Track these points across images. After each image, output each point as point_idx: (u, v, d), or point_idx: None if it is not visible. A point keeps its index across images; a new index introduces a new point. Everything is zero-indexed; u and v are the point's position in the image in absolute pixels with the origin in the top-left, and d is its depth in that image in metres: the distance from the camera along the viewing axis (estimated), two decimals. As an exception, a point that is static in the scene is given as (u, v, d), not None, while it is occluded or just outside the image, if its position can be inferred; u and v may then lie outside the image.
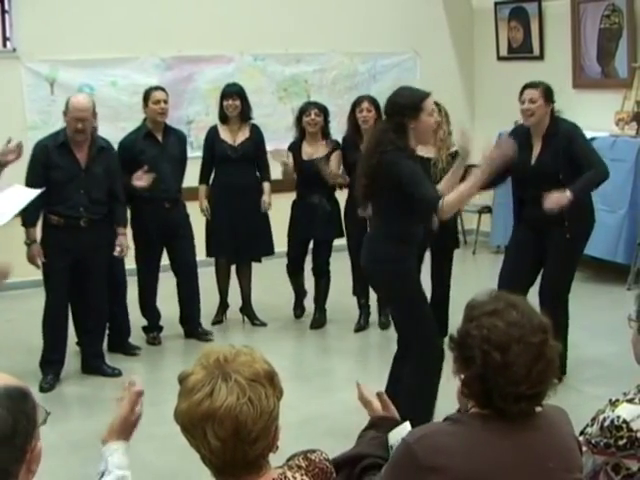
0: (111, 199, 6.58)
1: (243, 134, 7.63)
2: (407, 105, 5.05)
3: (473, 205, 10.40)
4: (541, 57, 10.34)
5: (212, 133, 7.69)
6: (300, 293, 8.06)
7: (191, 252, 7.49)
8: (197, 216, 7.63)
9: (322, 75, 10.44)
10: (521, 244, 6.34)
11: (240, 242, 7.62)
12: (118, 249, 6.61)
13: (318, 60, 10.42)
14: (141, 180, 6.85)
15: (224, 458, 2.15)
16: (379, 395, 3.07)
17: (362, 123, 7.31)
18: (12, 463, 1.96)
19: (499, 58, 10.98)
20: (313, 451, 2.38)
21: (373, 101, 7.36)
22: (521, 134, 6.28)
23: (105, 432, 2.64)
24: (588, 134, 9.00)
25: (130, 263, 7.33)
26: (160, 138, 7.26)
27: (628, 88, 9.37)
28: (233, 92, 7.57)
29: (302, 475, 2.27)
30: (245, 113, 7.61)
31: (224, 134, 7.60)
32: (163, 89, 7.38)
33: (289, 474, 2.25)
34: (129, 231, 7.01)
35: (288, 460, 2.38)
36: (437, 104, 6.88)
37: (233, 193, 7.47)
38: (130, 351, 7.18)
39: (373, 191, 5.21)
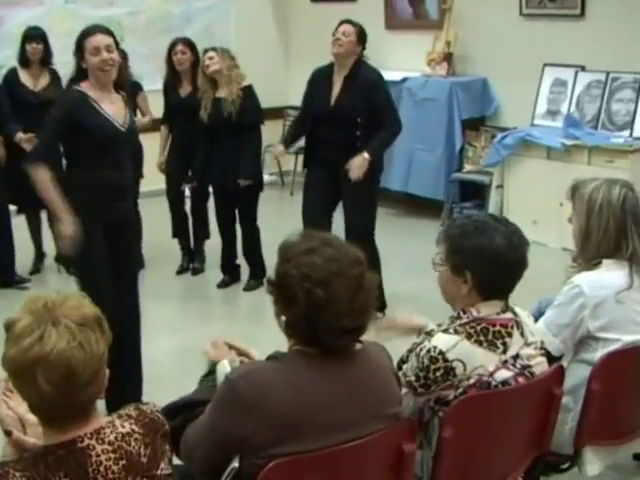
0: None
1: (44, 79, 7.43)
2: (75, 44, 4.67)
3: (290, 147, 10.45)
4: (354, -2, 10.41)
5: (11, 76, 7.41)
6: None
7: (4, 200, 7.30)
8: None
9: (135, 17, 10.23)
10: (318, 183, 6.47)
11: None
12: None
13: (131, 2, 10.18)
14: None
15: (54, 403, 2.12)
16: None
17: (178, 66, 7.32)
18: None
19: (313, 0, 11.01)
20: (145, 403, 2.37)
21: (188, 43, 7.37)
22: (324, 72, 6.43)
23: None
24: (401, 74, 9.24)
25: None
26: None
27: (439, 29, 9.56)
28: (37, 36, 7.37)
29: (131, 424, 2.25)
30: (46, 58, 7.43)
31: (24, 78, 7.38)
32: None
33: (118, 422, 2.24)
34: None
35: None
36: (212, 48, 6.98)
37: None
38: None
39: None
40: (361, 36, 6.27)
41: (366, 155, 6.11)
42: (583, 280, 3.43)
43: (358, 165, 6.11)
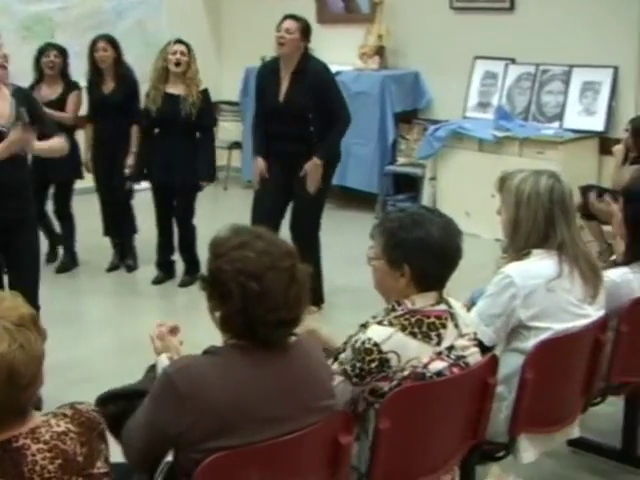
0: None
1: None
2: None
3: (223, 141, 10.42)
4: (286, -8, 10.40)
5: None
6: (50, 238, 7.81)
7: None
8: None
9: (66, 13, 10.10)
10: (269, 179, 6.45)
11: None
12: None
13: (62, -3, 10.09)
14: None
15: None
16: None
17: (100, 63, 7.25)
18: None
19: (245, -6, 10.99)
20: (80, 403, 2.36)
21: (110, 40, 7.32)
22: (271, 67, 6.44)
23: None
24: (333, 68, 9.23)
25: None
26: None
27: (370, 23, 9.61)
28: None
29: (67, 423, 2.24)
30: None
31: None
32: None
33: (53, 421, 2.23)
34: None
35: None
36: (184, 42, 6.94)
37: None
38: None
39: None
40: (305, 31, 6.28)
41: (317, 161, 6.21)
42: (514, 270, 3.47)
43: (314, 178, 6.24)
